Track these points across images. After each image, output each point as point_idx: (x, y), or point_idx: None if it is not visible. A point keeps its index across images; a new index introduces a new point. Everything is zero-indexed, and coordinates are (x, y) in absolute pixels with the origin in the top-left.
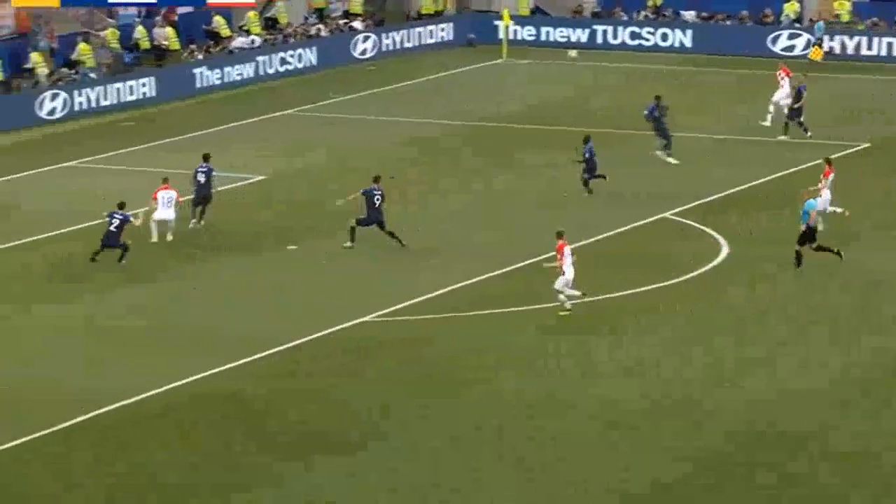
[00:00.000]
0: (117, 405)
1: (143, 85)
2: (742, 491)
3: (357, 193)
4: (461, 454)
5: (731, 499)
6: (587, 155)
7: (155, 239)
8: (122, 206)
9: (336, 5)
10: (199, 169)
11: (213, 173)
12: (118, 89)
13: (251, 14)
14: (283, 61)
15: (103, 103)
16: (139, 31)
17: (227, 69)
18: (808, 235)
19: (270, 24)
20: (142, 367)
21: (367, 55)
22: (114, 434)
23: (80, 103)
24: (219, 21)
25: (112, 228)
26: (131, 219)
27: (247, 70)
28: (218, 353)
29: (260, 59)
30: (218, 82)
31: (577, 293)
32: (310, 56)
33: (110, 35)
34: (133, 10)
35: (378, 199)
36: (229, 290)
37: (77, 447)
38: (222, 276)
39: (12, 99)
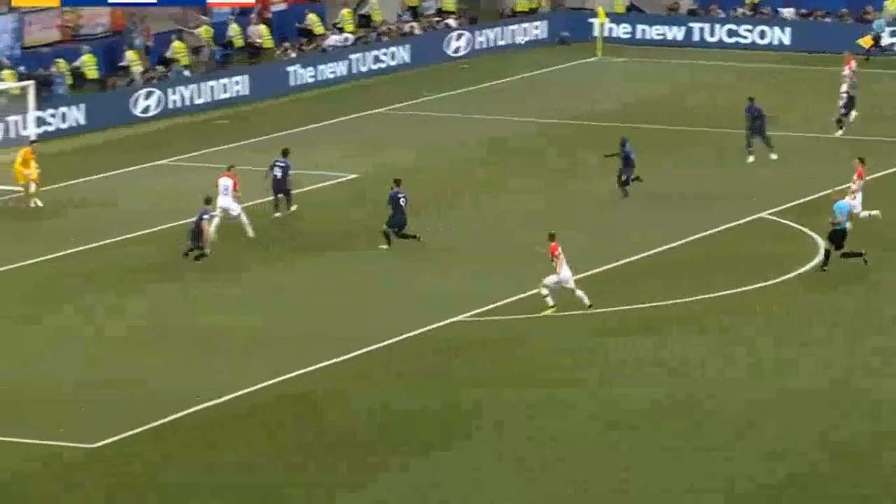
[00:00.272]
0: (207, 405)
1: (237, 83)
2: None
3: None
4: (553, 457)
5: None
6: (625, 156)
7: (251, 234)
8: (208, 201)
9: (429, 3)
10: (277, 163)
11: (290, 170)
12: (212, 87)
13: (345, 11)
14: (377, 59)
15: (197, 101)
16: (233, 29)
17: (320, 67)
18: (838, 237)
19: (364, 22)
20: (234, 366)
21: (461, 53)
22: (203, 433)
23: (174, 101)
24: (312, 19)
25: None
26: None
27: (340, 68)
28: (308, 353)
29: (353, 56)
30: (311, 80)
31: (585, 300)
32: (403, 54)
33: (204, 33)
34: (227, 8)
35: (403, 201)
36: (318, 290)
37: (166, 446)
38: (312, 275)
39: (107, 97)
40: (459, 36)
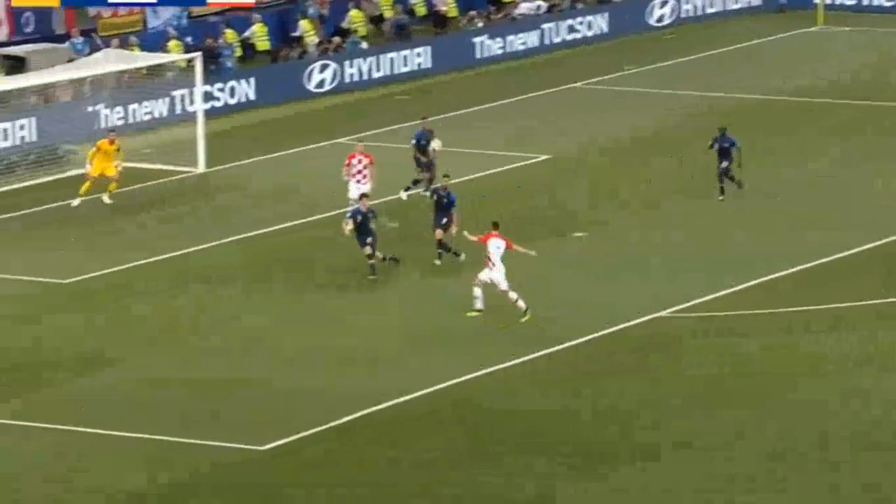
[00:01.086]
0: (388, 404)
1: (419, 55)
2: None
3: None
4: (768, 465)
5: None
6: (725, 145)
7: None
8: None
9: None
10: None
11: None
12: (391, 60)
13: None
14: (571, 29)
15: (375, 75)
16: None
17: (509, 38)
18: None
19: None
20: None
21: (665, 22)
22: (385, 432)
23: (351, 75)
24: None
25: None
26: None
27: (531, 39)
28: (502, 350)
29: (545, 26)
30: (499, 52)
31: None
32: (600, 23)
33: (384, 1)
34: None
35: (445, 200)
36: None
37: (348, 445)
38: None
39: (279, 70)
40: (664, 3)
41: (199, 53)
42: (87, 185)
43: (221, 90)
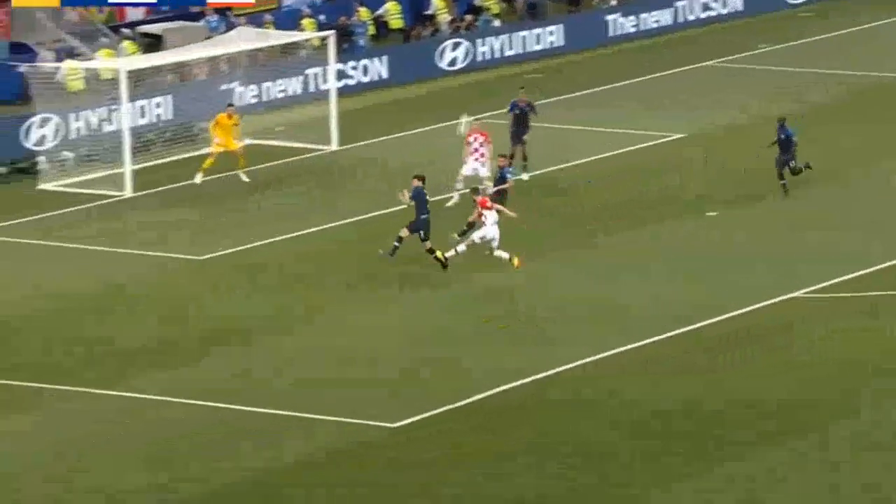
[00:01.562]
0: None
1: (551, 33)
2: None
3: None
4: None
5: None
6: (783, 140)
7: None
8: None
9: None
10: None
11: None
12: (524, 38)
13: None
14: (706, 7)
15: (508, 53)
16: None
17: (643, 16)
18: None
19: None
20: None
21: (799, 0)
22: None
23: (483, 53)
24: None
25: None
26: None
27: (664, 17)
28: (627, 330)
29: (679, 4)
30: (633, 30)
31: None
32: (736, 1)
33: None
34: None
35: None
36: (639, 261)
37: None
38: (632, 245)
39: (411, 48)
40: None
41: (332, 32)
42: (209, 160)
43: (354, 68)
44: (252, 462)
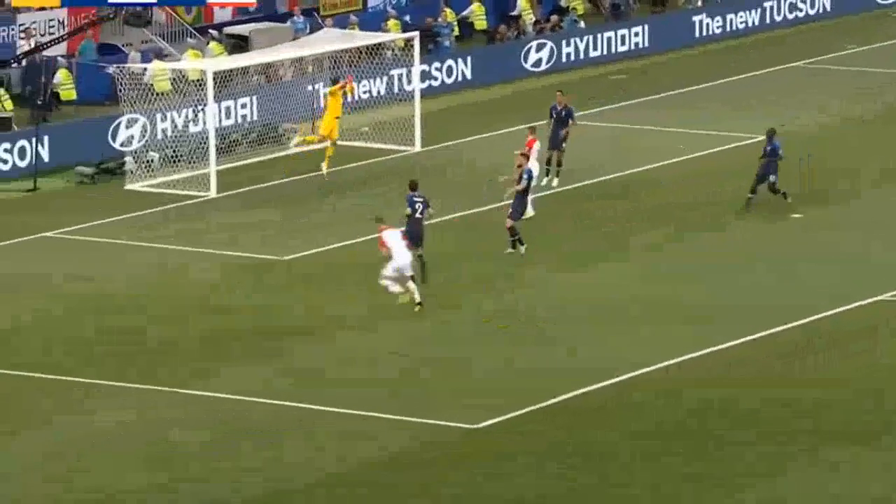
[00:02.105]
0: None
1: (636, 34)
2: None
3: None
4: None
5: None
6: (768, 149)
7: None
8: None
9: None
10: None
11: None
12: (608, 39)
13: None
14: (793, 7)
15: (592, 54)
16: None
17: (729, 16)
18: None
19: None
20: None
21: (889, 0)
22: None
23: (568, 54)
24: None
25: None
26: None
27: (752, 17)
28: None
29: (767, 4)
30: (719, 31)
31: (404, 289)
32: (824, 1)
33: None
34: None
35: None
36: (730, 260)
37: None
38: (725, 244)
39: (496, 49)
40: None
41: (416, 33)
42: (328, 150)
43: (439, 69)
44: (253, 462)
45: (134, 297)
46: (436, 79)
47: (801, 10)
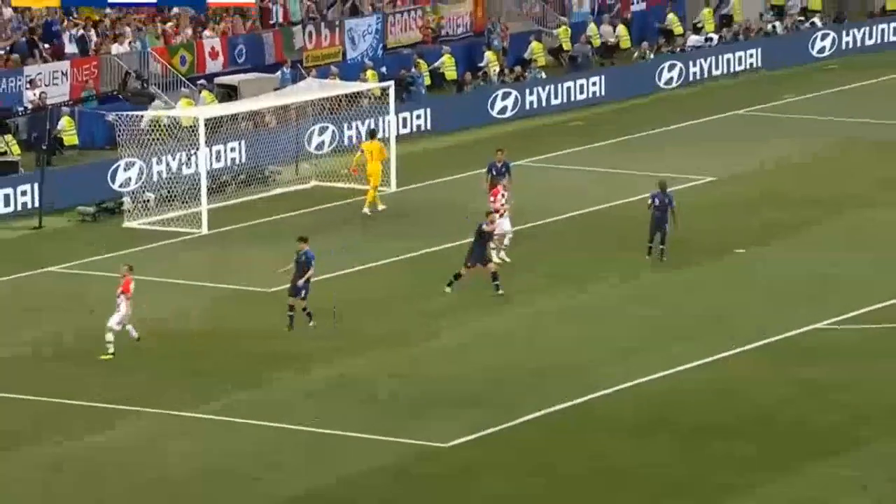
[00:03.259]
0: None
1: (594, 84)
2: None
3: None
4: None
5: None
6: (656, 202)
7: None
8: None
9: (793, 2)
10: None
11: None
12: (568, 88)
13: (705, 11)
14: (736, 60)
15: (553, 102)
16: (591, 29)
17: (679, 67)
18: None
19: (725, 22)
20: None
21: (826, 53)
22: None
23: (531, 102)
24: (672, 19)
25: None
26: None
27: (698, 68)
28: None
29: (711, 57)
30: (670, 81)
31: (134, 334)
32: (763, 54)
33: (563, 33)
34: (586, 8)
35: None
36: (679, 294)
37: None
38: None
39: (465, 97)
40: (825, 36)
41: (392, 82)
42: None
43: (413, 116)
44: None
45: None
46: (409, 124)
47: (742, 63)
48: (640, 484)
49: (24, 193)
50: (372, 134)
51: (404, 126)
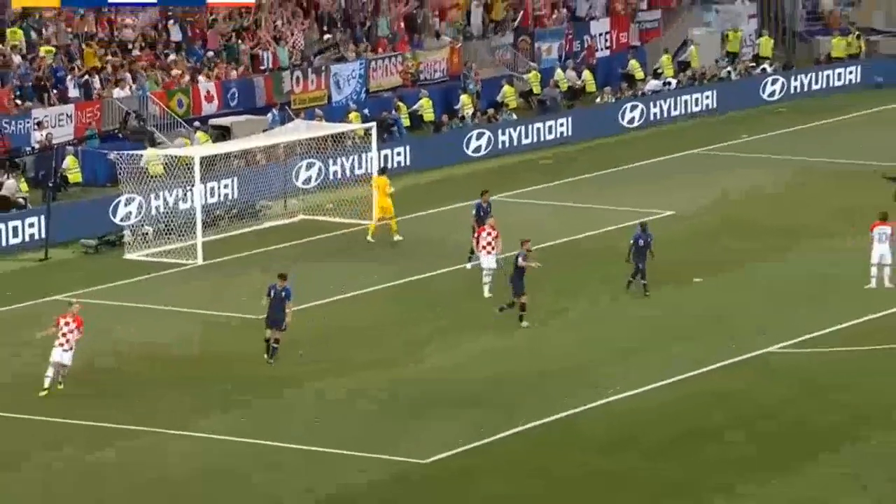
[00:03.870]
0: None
1: (562, 125)
2: None
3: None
4: None
5: None
6: (640, 243)
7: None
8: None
9: (746, 49)
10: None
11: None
12: (538, 129)
13: (665, 58)
14: (693, 102)
15: (524, 142)
16: (558, 74)
17: (640, 109)
18: None
19: (682, 67)
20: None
21: (776, 97)
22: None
23: (503, 142)
24: (633, 65)
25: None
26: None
27: (658, 111)
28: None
29: (670, 100)
30: (631, 122)
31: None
32: (719, 98)
33: (532, 78)
34: (554, 55)
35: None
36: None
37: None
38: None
39: (442, 137)
40: (774, 81)
41: (374, 123)
42: (393, 223)
43: (394, 153)
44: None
45: (130, 350)
46: (390, 162)
47: (699, 105)
48: (639, 485)
49: (31, 226)
50: (382, 170)
51: (386, 163)
